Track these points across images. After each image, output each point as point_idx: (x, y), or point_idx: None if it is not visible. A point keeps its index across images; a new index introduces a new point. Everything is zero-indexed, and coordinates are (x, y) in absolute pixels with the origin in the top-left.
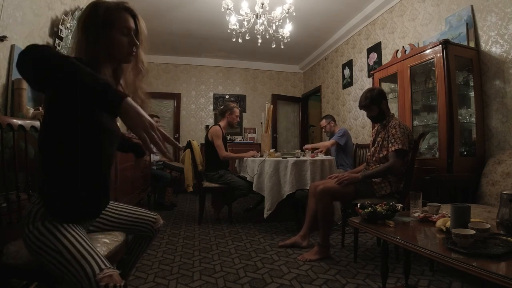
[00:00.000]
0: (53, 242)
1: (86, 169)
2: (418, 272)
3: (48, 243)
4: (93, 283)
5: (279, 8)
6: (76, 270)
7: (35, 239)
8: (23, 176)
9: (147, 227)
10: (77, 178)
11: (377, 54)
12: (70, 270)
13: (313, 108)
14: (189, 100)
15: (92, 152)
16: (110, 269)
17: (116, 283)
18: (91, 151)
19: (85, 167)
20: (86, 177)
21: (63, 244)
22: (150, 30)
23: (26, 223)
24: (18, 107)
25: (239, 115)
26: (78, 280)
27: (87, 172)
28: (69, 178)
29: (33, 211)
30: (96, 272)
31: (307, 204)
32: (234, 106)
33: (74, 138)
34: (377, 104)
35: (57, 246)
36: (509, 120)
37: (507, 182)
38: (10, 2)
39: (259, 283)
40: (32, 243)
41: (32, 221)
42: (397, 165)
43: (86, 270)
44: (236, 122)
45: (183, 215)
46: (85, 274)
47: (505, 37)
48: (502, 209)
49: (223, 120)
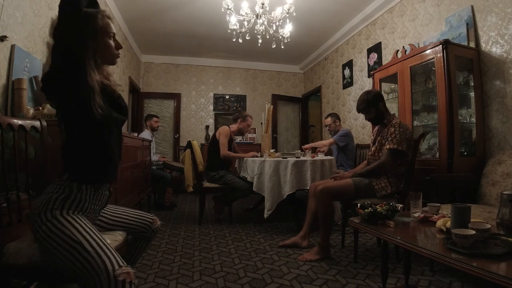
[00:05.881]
0: (73, 233)
1: (101, 142)
2: (418, 272)
3: (68, 233)
4: (112, 278)
5: (279, 8)
6: (97, 262)
7: (54, 227)
8: (23, 176)
9: (145, 227)
10: (95, 148)
11: (377, 54)
12: (90, 262)
13: (313, 108)
14: (189, 100)
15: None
16: (128, 266)
17: (132, 279)
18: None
19: (99, 141)
20: (101, 148)
21: (84, 236)
22: (150, 30)
23: (44, 210)
24: (18, 107)
25: (251, 125)
26: (97, 273)
27: (102, 145)
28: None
29: (53, 198)
30: (115, 267)
31: (307, 204)
32: (248, 116)
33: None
34: (374, 106)
35: (78, 237)
36: (509, 120)
37: (507, 182)
38: (10, 2)
39: (259, 283)
40: (48, 232)
41: (51, 209)
42: (388, 164)
43: (106, 264)
44: (246, 131)
45: (183, 215)
46: (105, 268)
47: (505, 37)
48: (502, 209)
49: (234, 124)
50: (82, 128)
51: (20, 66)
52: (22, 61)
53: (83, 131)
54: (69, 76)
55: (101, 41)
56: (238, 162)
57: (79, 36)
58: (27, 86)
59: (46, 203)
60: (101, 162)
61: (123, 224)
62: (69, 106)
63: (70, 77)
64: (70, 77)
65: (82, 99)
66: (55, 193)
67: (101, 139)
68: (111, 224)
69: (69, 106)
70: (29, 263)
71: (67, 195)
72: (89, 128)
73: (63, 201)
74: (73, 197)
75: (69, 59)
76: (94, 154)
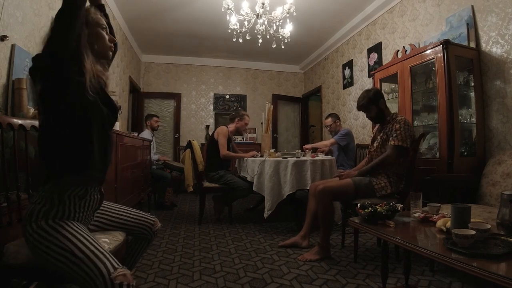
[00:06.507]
0: (62, 241)
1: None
2: (418, 272)
3: (57, 242)
4: (108, 281)
5: (279, 8)
6: (90, 268)
7: (42, 238)
8: (23, 176)
9: (146, 229)
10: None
11: (378, 54)
12: (83, 268)
13: (313, 108)
14: (190, 100)
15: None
16: (123, 268)
17: (129, 282)
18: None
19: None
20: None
21: (73, 243)
22: (151, 30)
23: (29, 222)
24: (18, 107)
25: (248, 123)
26: (92, 279)
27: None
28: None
29: (36, 209)
30: (110, 270)
31: (307, 204)
32: (245, 114)
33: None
34: (375, 104)
35: (68, 245)
36: (510, 120)
37: (507, 183)
38: (10, 2)
39: (259, 283)
40: (38, 243)
41: (35, 220)
42: (392, 158)
43: (100, 268)
44: (244, 130)
45: (183, 215)
46: (99, 273)
47: (506, 37)
48: (503, 209)
49: (232, 124)
50: (61, 114)
51: (20, 66)
52: (23, 60)
53: (61, 117)
54: (63, 58)
55: (94, 29)
56: (238, 162)
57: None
58: (27, 85)
59: (30, 215)
60: (80, 161)
61: (123, 225)
62: (53, 88)
63: (63, 58)
64: (63, 58)
65: (69, 80)
66: (38, 203)
67: (81, 133)
68: (111, 223)
69: (54, 87)
70: (29, 262)
71: (48, 207)
72: (69, 116)
73: (46, 214)
74: (55, 209)
75: (67, 42)
76: (73, 149)
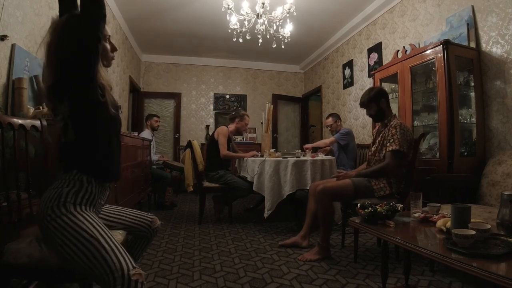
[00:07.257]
0: (90, 228)
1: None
2: (418, 272)
3: (85, 227)
4: (126, 277)
5: (279, 8)
6: (113, 260)
7: (70, 221)
8: (23, 175)
9: (145, 227)
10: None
11: (378, 54)
12: (106, 259)
13: (314, 108)
14: (190, 100)
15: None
16: (139, 268)
17: (144, 280)
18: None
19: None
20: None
21: (100, 233)
22: (151, 30)
23: (57, 204)
24: (18, 107)
25: (248, 123)
26: (112, 271)
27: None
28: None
29: (64, 192)
30: (130, 268)
31: (307, 204)
32: (245, 114)
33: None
34: (375, 102)
35: (95, 233)
36: (510, 120)
37: (507, 183)
38: (10, 2)
39: (259, 283)
40: (61, 228)
41: (64, 203)
42: (392, 166)
43: (121, 263)
44: (244, 130)
45: (183, 215)
46: (120, 267)
47: (506, 37)
48: (503, 209)
49: (232, 124)
50: (91, 126)
51: (20, 66)
52: (23, 60)
53: (92, 129)
54: (83, 78)
55: (104, 44)
56: (238, 162)
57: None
58: (27, 85)
59: (57, 197)
60: (107, 159)
61: (122, 224)
62: (81, 108)
63: (83, 79)
64: (83, 79)
65: (94, 100)
66: (65, 187)
67: (107, 137)
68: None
69: (82, 107)
70: (29, 262)
71: (78, 188)
72: (99, 126)
73: (75, 195)
74: (84, 190)
75: (86, 60)
76: (102, 151)
